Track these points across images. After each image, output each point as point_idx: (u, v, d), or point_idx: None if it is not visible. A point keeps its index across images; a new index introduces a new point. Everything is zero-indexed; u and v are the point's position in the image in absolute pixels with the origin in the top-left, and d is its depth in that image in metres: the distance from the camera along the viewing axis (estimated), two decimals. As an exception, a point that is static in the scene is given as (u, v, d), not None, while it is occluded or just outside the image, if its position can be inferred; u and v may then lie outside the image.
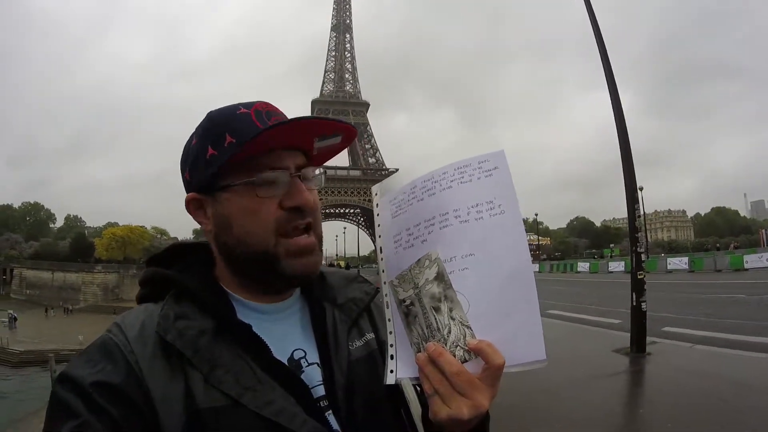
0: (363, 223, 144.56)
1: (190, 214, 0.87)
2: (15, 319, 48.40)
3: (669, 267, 33.63)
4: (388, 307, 0.80)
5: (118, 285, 69.97)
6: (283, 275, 0.82)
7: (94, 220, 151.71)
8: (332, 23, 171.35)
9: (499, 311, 0.72)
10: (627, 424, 5.25)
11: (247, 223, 0.81)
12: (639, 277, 8.41)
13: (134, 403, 0.71)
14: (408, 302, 0.78)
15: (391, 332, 0.80)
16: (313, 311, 0.92)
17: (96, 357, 0.74)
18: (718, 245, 77.72)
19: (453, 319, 0.74)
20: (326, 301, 0.94)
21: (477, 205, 0.75)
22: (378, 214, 0.84)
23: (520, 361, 0.70)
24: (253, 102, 0.86)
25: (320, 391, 0.82)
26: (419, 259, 0.77)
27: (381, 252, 0.82)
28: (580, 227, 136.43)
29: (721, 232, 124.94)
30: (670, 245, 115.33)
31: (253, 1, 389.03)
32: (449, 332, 0.73)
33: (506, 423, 4.97)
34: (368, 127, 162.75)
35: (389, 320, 0.80)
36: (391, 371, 0.78)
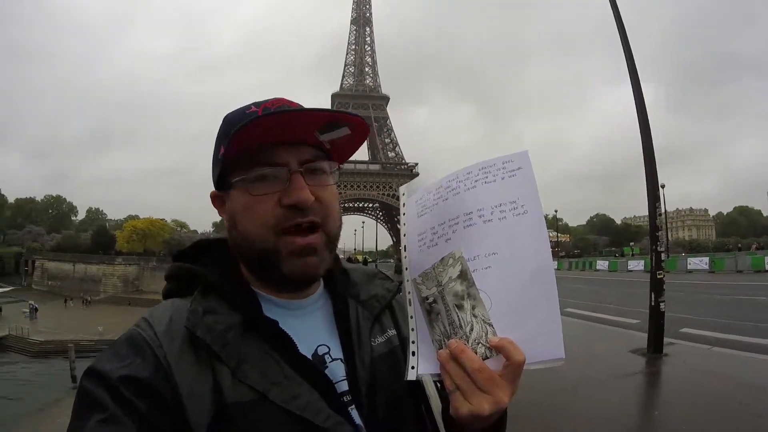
0: (382, 218, 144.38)
1: (216, 209, 0.90)
2: (36, 309, 49.24)
3: (689, 267, 33.11)
4: (410, 305, 0.82)
5: (138, 277, 70.70)
6: (282, 274, 0.83)
7: (115, 212, 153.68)
8: (352, 16, 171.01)
9: (521, 309, 0.73)
10: (642, 425, 5.23)
11: (246, 220, 0.82)
12: (658, 276, 8.33)
13: (162, 398, 0.71)
14: (431, 300, 0.79)
15: (413, 329, 0.81)
16: (336, 307, 0.92)
17: (124, 351, 0.75)
18: (740, 245, 76.51)
19: (475, 316, 0.75)
20: (350, 297, 0.95)
21: (501, 204, 0.77)
22: (404, 213, 0.86)
23: (539, 358, 0.71)
24: (266, 100, 0.87)
25: (344, 386, 0.84)
26: (443, 258, 0.79)
27: (405, 250, 0.84)
28: (600, 224, 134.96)
29: (743, 231, 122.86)
30: (690, 244, 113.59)
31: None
32: (471, 330, 0.75)
33: (524, 420, 4.98)
34: (388, 121, 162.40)
35: (411, 317, 0.82)
36: (413, 367, 0.79)
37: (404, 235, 0.84)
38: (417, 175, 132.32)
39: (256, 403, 0.74)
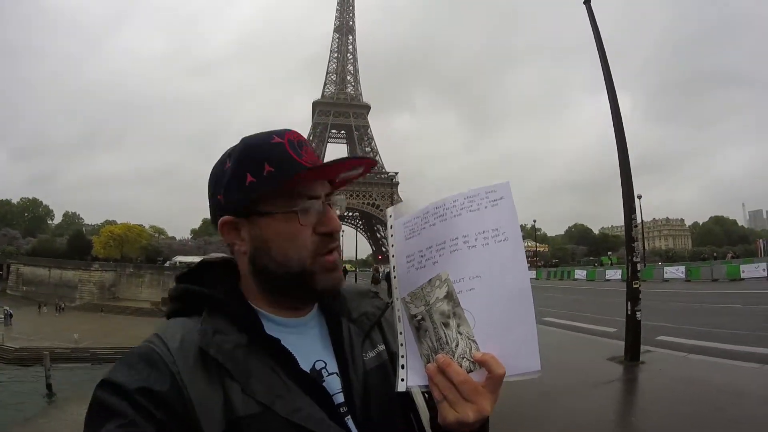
0: (361, 227, 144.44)
1: (223, 234, 0.93)
2: (11, 315, 48.24)
3: (666, 276, 33.62)
4: (400, 321, 0.88)
5: (114, 283, 69.48)
6: (316, 290, 0.91)
7: (92, 217, 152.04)
8: (335, 24, 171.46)
9: (502, 327, 0.81)
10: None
11: (287, 246, 0.89)
12: (634, 286, 8.50)
13: (177, 410, 0.76)
14: (419, 317, 0.85)
15: (402, 344, 0.87)
16: (330, 324, 0.99)
17: (139, 365, 0.79)
18: (715, 254, 77.64)
19: (461, 333, 0.82)
20: (342, 315, 1.01)
21: (484, 232, 0.84)
22: (392, 235, 0.91)
23: (518, 371, 0.79)
24: (284, 131, 0.93)
25: (340, 398, 0.90)
26: (431, 279, 0.85)
27: (394, 270, 0.90)
28: (579, 234, 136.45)
29: (719, 241, 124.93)
30: (667, 253, 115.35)
31: (266, 1, 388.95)
32: (457, 345, 0.82)
33: (505, 427, 5.00)
34: (369, 130, 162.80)
35: (401, 333, 0.88)
36: (402, 379, 0.86)
37: (393, 256, 0.90)
38: (397, 184, 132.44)
39: (262, 415, 0.79)
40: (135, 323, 48.44)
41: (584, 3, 9.42)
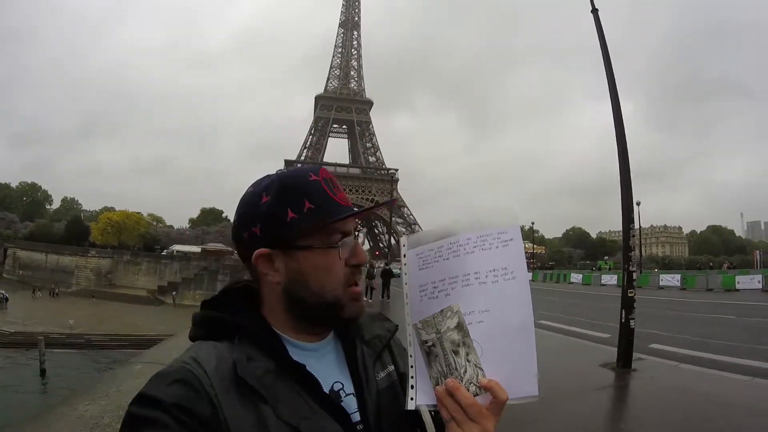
0: (360, 222, 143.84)
1: (258, 266, 0.98)
2: (6, 299, 48.55)
3: (661, 283, 33.74)
4: (410, 345, 0.96)
5: (111, 270, 69.71)
6: (343, 318, 1.00)
7: (90, 203, 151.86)
8: (340, 19, 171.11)
9: (506, 357, 0.90)
10: (609, 438, 5.35)
11: (323, 278, 0.97)
12: (629, 294, 8.53)
13: (213, 430, 0.81)
14: (430, 343, 0.93)
15: (412, 366, 0.95)
16: (345, 347, 1.06)
17: (175, 384, 0.83)
18: (711, 264, 77.82)
19: (469, 361, 0.90)
20: (356, 338, 1.08)
21: (494, 270, 0.91)
22: (405, 264, 0.98)
23: (518, 395, 0.89)
24: (317, 168, 1.02)
25: (356, 417, 0.98)
26: (442, 310, 0.93)
27: (407, 297, 0.97)
28: (576, 237, 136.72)
29: (715, 250, 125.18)
30: (664, 261, 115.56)
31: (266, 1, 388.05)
32: (465, 372, 0.90)
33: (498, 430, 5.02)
34: (370, 126, 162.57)
35: (411, 356, 0.96)
36: (412, 398, 0.94)
37: (406, 283, 0.97)
38: (397, 180, 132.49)
39: None
40: (131, 310, 48.60)
41: (591, 12, 9.44)
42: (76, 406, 5.48)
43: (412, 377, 0.95)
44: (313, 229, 0.95)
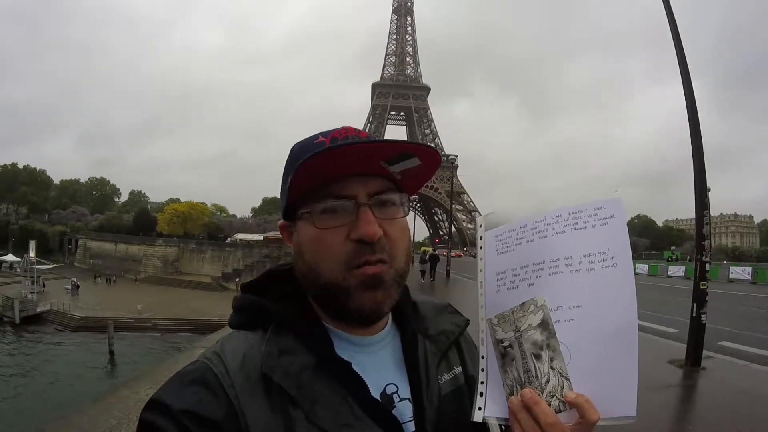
0: (419, 209, 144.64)
1: (284, 239, 0.88)
2: (77, 286, 51.44)
3: (731, 276, 32.09)
4: (483, 344, 0.80)
5: (177, 258, 72.18)
6: (349, 308, 0.80)
7: (156, 196, 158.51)
8: (393, 6, 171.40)
9: (600, 365, 0.72)
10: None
11: (313, 252, 0.80)
12: (702, 287, 7.96)
13: None
14: (506, 344, 0.77)
15: (483, 369, 0.79)
16: (404, 343, 0.90)
17: (192, 385, 0.74)
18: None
19: (553, 369, 0.73)
20: (419, 332, 0.92)
21: (589, 255, 0.74)
22: (481, 247, 0.83)
23: (611, 415, 0.71)
24: (334, 129, 0.85)
25: (410, 427, 0.82)
26: (524, 303, 0.76)
27: (481, 287, 0.81)
28: (641, 226, 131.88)
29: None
30: (733, 252, 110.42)
31: None
32: (547, 381, 0.73)
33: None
34: (428, 112, 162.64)
35: (483, 357, 0.80)
36: (480, 408, 0.78)
37: (481, 270, 0.82)
38: (457, 167, 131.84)
39: None
40: (196, 296, 50.43)
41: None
42: (137, 390, 5.68)
43: (482, 383, 0.79)
44: (307, 193, 0.80)
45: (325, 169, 0.77)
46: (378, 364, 0.85)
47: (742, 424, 5.34)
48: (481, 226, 0.83)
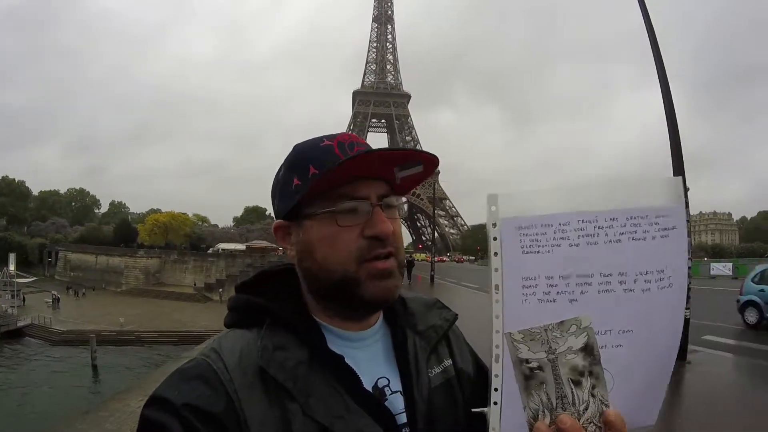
0: (402, 215, 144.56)
1: (277, 239, 0.91)
2: (58, 299, 50.51)
3: (712, 272, 32.63)
4: (497, 362, 0.67)
5: (159, 269, 71.51)
6: (362, 298, 0.82)
7: (137, 206, 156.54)
8: (374, 14, 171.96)
9: (639, 389, 0.67)
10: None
11: (328, 250, 0.83)
12: (685, 284, 8.14)
13: (230, 430, 0.72)
14: (534, 365, 0.66)
15: (496, 389, 0.67)
16: (395, 338, 0.93)
17: (192, 381, 0.76)
18: (764, 251, 74.99)
19: (593, 396, 0.65)
20: (408, 328, 0.95)
21: (647, 273, 0.64)
22: (495, 238, 0.66)
23: (633, 425, 0.66)
24: (337, 134, 0.89)
25: (402, 418, 0.84)
26: (563, 321, 0.65)
27: (497, 291, 0.66)
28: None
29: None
30: (713, 249, 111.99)
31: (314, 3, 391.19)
32: (586, 408, 0.65)
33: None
34: (409, 119, 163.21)
35: (496, 375, 0.67)
36: (494, 429, 0.67)
37: (497, 270, 0.66)
38: (438, 172, 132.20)
39: None
40: (179, 308, 49.89)
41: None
42: (128, 402, 5.61)
43: (495, 403, 0.67)
44: (317, 194, 0.82)
45: (347, 173, 0.82)
46: (370, 358, 0.88)
47: (729, 415, 5.46)
48: (493, 208, 0.66)
